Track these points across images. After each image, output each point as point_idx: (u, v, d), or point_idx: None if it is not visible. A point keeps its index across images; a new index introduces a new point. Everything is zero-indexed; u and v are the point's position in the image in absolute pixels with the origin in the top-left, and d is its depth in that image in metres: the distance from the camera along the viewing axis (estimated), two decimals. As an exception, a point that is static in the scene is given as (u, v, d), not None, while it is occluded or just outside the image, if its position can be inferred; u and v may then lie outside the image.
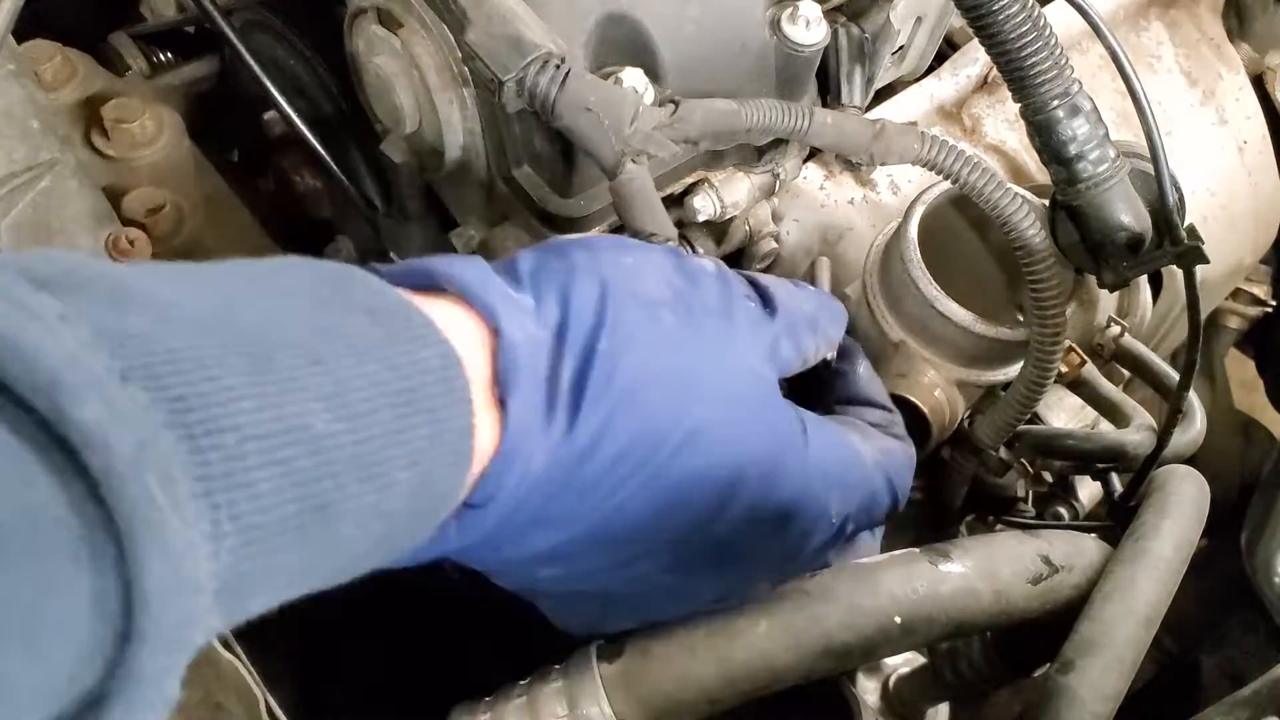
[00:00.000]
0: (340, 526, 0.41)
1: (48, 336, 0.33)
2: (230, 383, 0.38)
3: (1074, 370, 0.81)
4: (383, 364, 0.43)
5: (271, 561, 0.38)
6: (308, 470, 0.39)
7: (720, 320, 0.58)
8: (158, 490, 0.34)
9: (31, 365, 0.32)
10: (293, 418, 0.39)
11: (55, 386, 0.33)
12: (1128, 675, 0.62)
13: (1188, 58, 1.06)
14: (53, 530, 0.32)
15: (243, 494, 0.37)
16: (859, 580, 0.62)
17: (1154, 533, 0.66)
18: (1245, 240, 1.09)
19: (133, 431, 0.34)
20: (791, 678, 0.60)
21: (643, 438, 0.53)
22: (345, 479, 0.41)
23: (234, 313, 0.40)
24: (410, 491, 0.44)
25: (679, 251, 0.62)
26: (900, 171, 0.92)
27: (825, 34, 0.74)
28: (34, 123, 0.79)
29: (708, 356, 0.56)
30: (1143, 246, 0.68)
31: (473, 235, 0.81)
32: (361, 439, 0.41)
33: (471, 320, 0.50)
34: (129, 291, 0.38)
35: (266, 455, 0.38)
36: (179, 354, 0.37)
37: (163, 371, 0.36)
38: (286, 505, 0.38)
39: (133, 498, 0.33)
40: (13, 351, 0.32)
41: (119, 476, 0.33)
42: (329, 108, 0.92)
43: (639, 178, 0.62)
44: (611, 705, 0.59)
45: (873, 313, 0.78)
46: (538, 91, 0.62)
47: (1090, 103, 0.66)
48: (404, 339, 0.45)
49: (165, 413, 0.35)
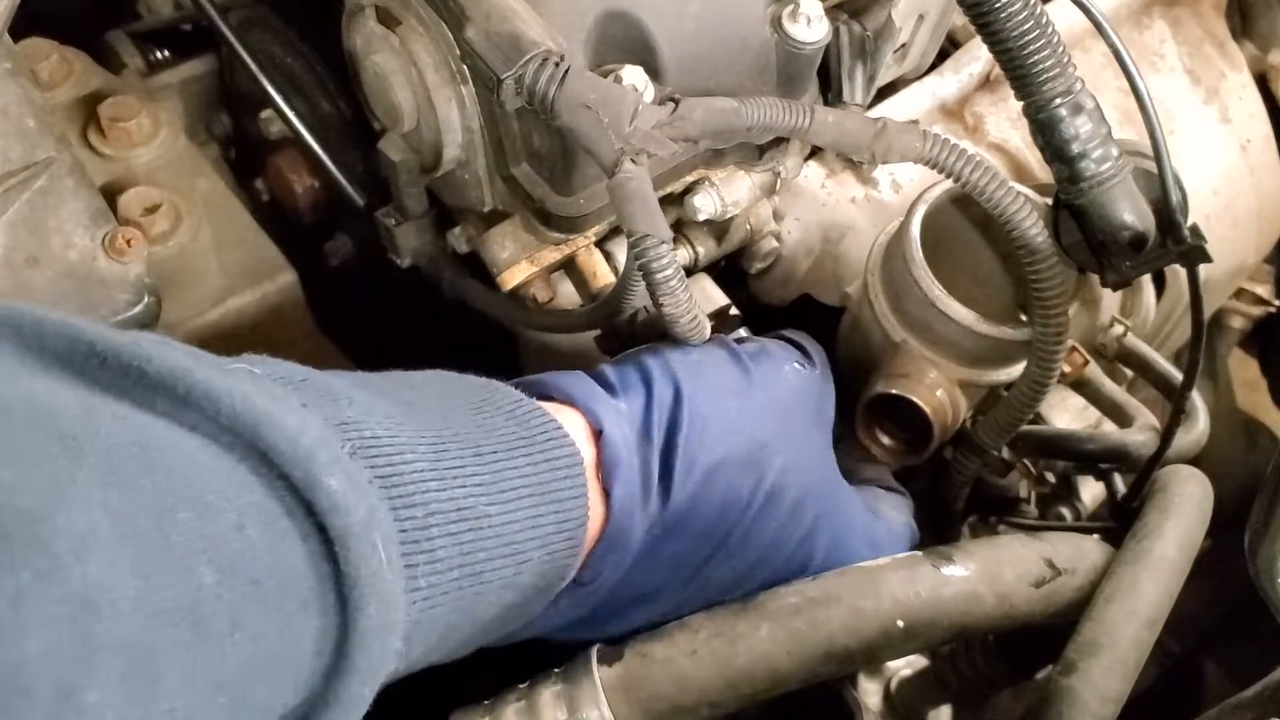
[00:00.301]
0: (485, 593, 0.50)
1: (302, 421, 0.42)
2: (419, 466, 0.47)
3: (1077, 370, 0.81)
4: (525, 459, 0.53)
5: (435, 615, 0.47)
6: (470, 543, 0.48)
7: (775, 395, 0.66)
8: (381, 549, 0.42)
9: (294, 442, 0.41)
10: (463, 499, 0.48)
11: (311, 460, 0.41)
12: (1130, 677, 0.61)
13: (1191, 56, 1.05)
14: (293, 581, 0.40)
15: (426, 558, 0.46)
16: (861, 583, 0.62)
17: (1157, 533, 0.66)
18: (1249, 239, 1.09)
19: (365, 500, 0.42)
20: (793, 681, 0.60)
21: (725, 510, 0.61)
22: (494, 553, 0.50)
23: (412, 411, 0.50)
24: (539, 569, 0.53)
25: (727, 342, 0.69)
26: (902, 170, 0.92)
27: (826, 31, 0.73)
28: (30, 121, 0.78)
29: (771, 430, 0.64)
30: (1146, 246, 0.68)
31: (471, 234, 0.81)
32: (509, 520, 0.51)
33: (580, 423, 0.59)
34: (336, 390, 0.47)
35: (443, 529, 0.47)
36: (382, 440, 0.46)
37: (373, 454, 0.45)
38: (453, 570, 0.47)
39: (363, 554, 0.41)
40: (280, 431, 0.40)
41: (355, 536, 0.41)
42: (327, 106, 0.92)
43: (637, 178, 0.61)
44: (611, 709, 0.58)
45: (874, 312, 0.77)
46: (537, 89, 0.62)
47: (1093, 101, 0.66)
48: (540, 440, 0.55)
49: (379, 487, 0.44)
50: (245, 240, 0.95)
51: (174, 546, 0.37)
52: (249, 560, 0.39)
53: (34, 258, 0.73)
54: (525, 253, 0.79)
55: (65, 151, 0.78)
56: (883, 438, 0.78)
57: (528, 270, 0.79)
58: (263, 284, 0.93)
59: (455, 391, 0.55)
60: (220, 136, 1.07)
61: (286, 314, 0.95)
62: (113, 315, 0.73)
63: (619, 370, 0.64)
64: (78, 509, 0.35)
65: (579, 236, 0.79)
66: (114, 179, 0.93)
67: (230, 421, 0.40)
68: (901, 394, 0.74)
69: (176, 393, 0.40)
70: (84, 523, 0.35)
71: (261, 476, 0.40)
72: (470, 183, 0.78)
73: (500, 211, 0.80)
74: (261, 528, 0.39)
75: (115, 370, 0.40)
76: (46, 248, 0.74)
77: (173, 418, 0.40)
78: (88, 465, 0.36)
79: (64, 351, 0.40)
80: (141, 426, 0.39)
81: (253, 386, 0.42)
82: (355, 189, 0.90)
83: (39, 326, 0.40)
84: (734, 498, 0.61)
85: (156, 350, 0.41)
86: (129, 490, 0.37)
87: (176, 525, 0.37)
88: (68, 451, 0.36)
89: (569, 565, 0.56)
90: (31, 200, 0.75)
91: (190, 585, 0.37)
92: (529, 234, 0.78)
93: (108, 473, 0.36)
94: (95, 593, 0.34)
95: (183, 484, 0.38)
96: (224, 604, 0.38)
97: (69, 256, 0.74)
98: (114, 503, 0.36)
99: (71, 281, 0.73)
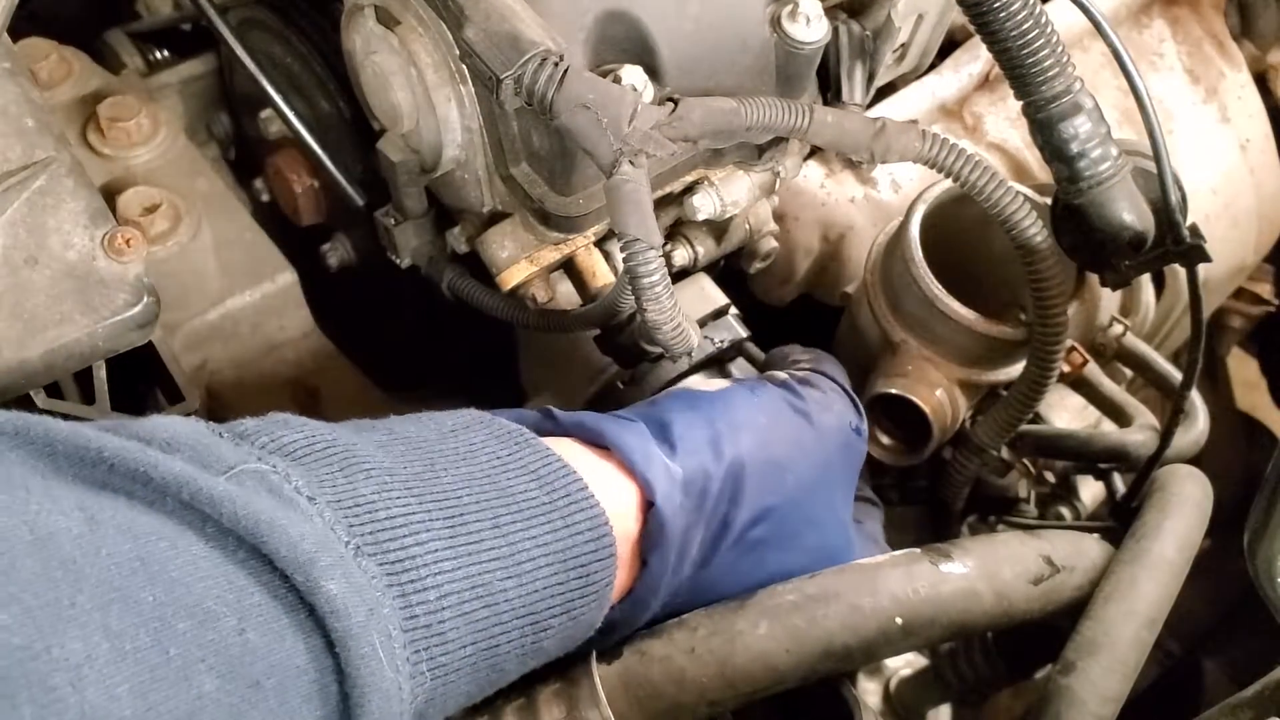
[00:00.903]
0: (504, 663, 0.51)
1: (304, 523, 0.43)
2: (434, 546, 0.48)
3: (1076, 370, 0.81)
4: (545, 528, 0.53)
5: (449, 691, 0.48)
6: (485, 620, 0.49)
7: (828, 461, 0.66)
8: (380, 647, 0.44)
9: (294, 549, 0.42)
10: (477, 575, 0.49)
11: (311, 564, 0.42)
12: (1130, 676, 0.61)
13: (1190, 56, 1.05)
14: (296, 678, 0.42)
15: (436, 641, 0.47)
16: (860, 581, 0.62)
17: (1156, 533, 0.66)
18: (1248, 239, 1.09)
19: (365, 601, 0.44)
20: (791, 679, 0.60)
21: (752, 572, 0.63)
22: (511, 626, 0.50)
23: (436, 474, 0.51)
24: (562, 634, 0.54)
25: (792, 390, 0.68)
26: (901, 170, 0.92)
27: (826, 31, 0.73)
28: (29, 121, 0.78)
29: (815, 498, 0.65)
30: (1145, 245, 0.68)
31: (470, 234, 0.81)
32: (526, 592, 0.51)
33: (630, 487, 0.58)
34: (357, 460, 0.48)
35: (456, 609, 0.48)
36: (396, 520, 0.47)
37: (384, 538, 0.46)
38: (466, 649, 0.48)
39: (363, 655, 0.43)
40: (281, 535, 0.42)
41: (354, 638, 0.43)
42: (326, 106, 0.92)
43: (633, 180, 0.61)
44: (610, 707, 0.58)
45: (874, 312, 0.77)
46: (536, 89, 0.62)
47: (1092, 101, 0.66)
48: (563, 505, 0.54)
49: (386, 575, 0.45)
50: (245, 240, 0.95)
51: (173, 659, 0.38)
52: (249, 663, 0.40)
53: (33, 257, 0.73)
54: (524, 252, 0.79)
55: (64, 151, 0.78)
56: (882, 437, 0.78)
57: (527, 270, 0.79)
58: (262, 284, 0.93)
59: (482, 447, 0.55)
60: (220, 136, 1.07)
61: (286, 314, 0.95)
62: (112, 315, 0.73)
63: (685, 421, 0.62)
64: (75, 635, 0.37)
65: (578, 236, 0.79)
66: (113, 179, 0.93)
67: (232, 525, 0.42)
68: (901, 393, 0.74)
69: (180, 498, 0.42)
70: (81, 651, 0.37)
71: (263, 578, 0.42)
72: (469, 183, 0.78)
73: (499, 211, 0.80)
74: (261, 629, 0.41)
75: (122, 473, 0.42)
76: (45, 247, 0.74)
77: (179, 518, 0.42)
78: (88, 588, 0.38)
79: (72, 457, 0.42)
80: (145, 536, 0.41)
81: (255, 492, 0.44)
82: (355, 189, 0.90)
83: (48, 435, 0.42)
84: (763, 566, 0.63)
85: (163, 461, 0.43)
86: (129, 606, 0.38)
87: (176, 637, 0.39)
88: (68, 576, 0.38)
89: (594, 622, 0.57)
90: (30, 200, 0.75)
91: (189, 695, 0.39)
92: (528, 234, 0.78)
93: (108, 590, 0.38)
94: (95, 718, 0.36)
95: (183, 593, 0.40)
96: (224, 708, 0.39)
97: (68, 256, 0.74)
98: (114, 622, 0.38)
99: (70, 281, 0.73)
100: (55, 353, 0.71)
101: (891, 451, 0.78)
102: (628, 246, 0.62)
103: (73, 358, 0.72)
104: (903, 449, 0.77)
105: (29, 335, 0.71)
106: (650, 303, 0.63)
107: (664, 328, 0.65)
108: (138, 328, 0.74)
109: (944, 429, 0.75)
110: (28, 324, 0.71)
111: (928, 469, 0.82)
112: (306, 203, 0.98)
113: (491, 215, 0.80)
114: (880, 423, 0.78)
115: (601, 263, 0.81)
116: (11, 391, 0.71)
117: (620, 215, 0.62)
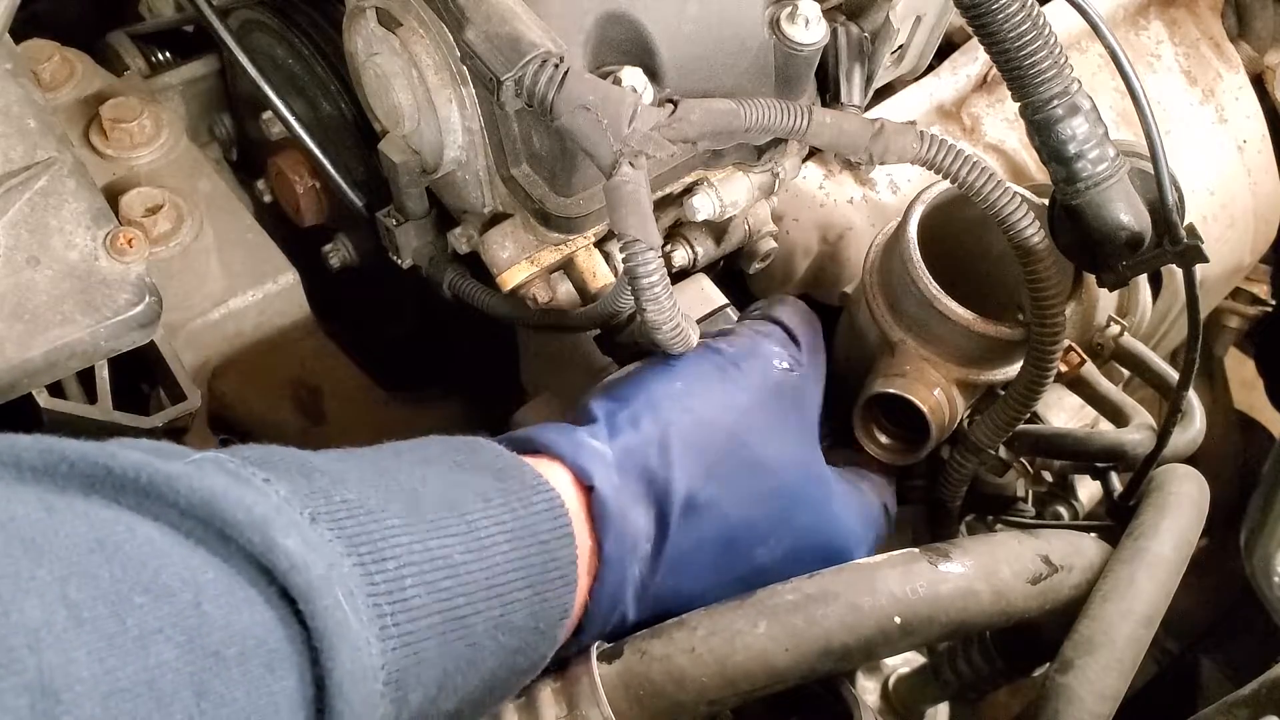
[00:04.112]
0: (473, 636, 0.52)
1: (259, 494, 0.45)
2: (391, 523, 0.49)
3: (1074, 370, 0.81)
4: (503, 508, 0.55)
5: (425, 660, 0.49)
6: (449, 589, 0.50)
7: (763, 400, 0.68)
8: (344, 600, 0.44)
9: (249, 513, 0.43)
10: (437, 549, 0.51)
11: (267, 525, 0.43)
12: (1127, 675, 0.61)
13: (1187, 57, 1.06)
14: (255, 647, 0.42)
15: (400, 606, 0.48)
16: (858, 580, 0.62)
17: (1153, 532, 0.66)
18: (1245, 239, 1.09)
19: (323, 558, 0.45)
20: (791, 678, 0.60)
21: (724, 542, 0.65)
22: (476, 596, 0.52)
23: (390, 476, 0.53)
24: (530, 609, 0.55)
25: (713, 346, 0.70)
26: (900, 171, 0.92)
27: (824, 33, 0.74)
28: (32, 122, 0.79)
29: (760, 435, 0.67)
30: (1142, 246, 0.68)
31: (471, 235, 0.81)
32: (487, 566, 0.53)
33: (567, 477, 0.61)
34: (312, 465, 0.50)
35: (418, 578, 0.49)
36: (352, 503, 0.49)
37: (341, 517, 0.48)
38: (432, 615, 0.49)
39: (327, 607, 0.44)
40: (236, 504, 0.43)
41: (316, 590, 0.43)
42: (328, 107, 0.92)
43: (633, 181, 0.62)
44: (610, 706, 0.59)
45: (872, 312, 0.78)
46: (536, 91, 0.62)
47: (1089, 102, 0.66)
48: (520, 488, 0.57)
49: (344, 545, 0.47)
50: (247, 241, 0.95)
51: (130, 629, 0.39)
52: (206, 633, 0.41)
53: (35, 258, 0.74)
54: (525, 253, 0.79)
55: (67, 152, 0.78)
56: (880, 437, 0.78)
57: (527, 270, 0.79)
58: (264, 284, 0.94)
59: (439, 455, 0.58)
60: (222, 137, 1.07)
61: (288, 314, 0.95)
62: (114, 315, 0.73)
63: (606, 407, 0.66)
64: (34, 604, 0.38)
65: (578, 237, 0.79)
66: (116, 180, 0.93)
67: (189, 505, 0.43)
68: (899, 393, 0.74)
69: (139, 484, 0.43)
70: (40, 617, 0.38)
71: (219, 553, 0.43)
72: (470, 183, 0.78)
73: (500, 212, 0.80)
74: (217, 601, 0.42)
75: (83, 471, 0.43)
76: (48, 247, 0.74)
77: (138, 510, 0.43)
78: (46, 563, 0.39)
79: (37, 464, 0.43)
80: (104, 522, 0.42)
81: (213, 469, 0.45)
82: (355, 190, 0.90)
83: (14, 446, 0.43)
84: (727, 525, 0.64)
85: (121, 450, 0.44)
86: (86, 580, 0.39)
87: (133, 609, 0.40)
88: (28, 553, 0.39)
89: (566, 603, 0.58)
90: (33, 200, 0.75)
91: (148, 663, 0.39)
92: (529, 234, 0.78)
93: (66, 566, 0.39)
94: (52, 680, 0.37)
95: (139, 570, 0.41)
96: (185, 677, 0.40)
97: (70, 256, 0.74)
98: (72, 593, 0.39)
99: (72, 281, 0.73)
100: (57, 352, 0.71)
101: (889, 451, 0.78)
102: (627, 247, 0.62)
103: (75, 357, 0.72)
104: (901, 448, 0.77)
105: (31, 334, 0.71)
106: (650, 303, 0.64)
107: (664, 328, 0.65)
108: (140, 327, 0.75)
109: (942, 428, 0.75)
110: (30, 323, 0.71)
111: (926, 468, 0.82)
112: (308, 203, 0.98)
113: (492, 216, 0.80)
114: (879, 422, 0.78)
115: (601, 263, 0.81)
116: (14, 391, 0.72)
117: (620, 216, 0.62)
